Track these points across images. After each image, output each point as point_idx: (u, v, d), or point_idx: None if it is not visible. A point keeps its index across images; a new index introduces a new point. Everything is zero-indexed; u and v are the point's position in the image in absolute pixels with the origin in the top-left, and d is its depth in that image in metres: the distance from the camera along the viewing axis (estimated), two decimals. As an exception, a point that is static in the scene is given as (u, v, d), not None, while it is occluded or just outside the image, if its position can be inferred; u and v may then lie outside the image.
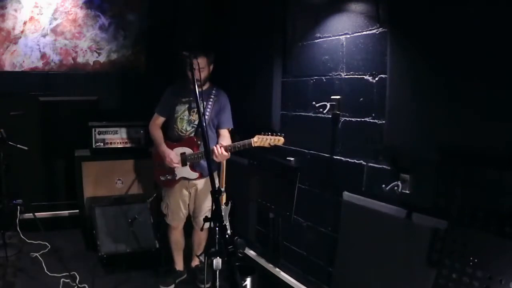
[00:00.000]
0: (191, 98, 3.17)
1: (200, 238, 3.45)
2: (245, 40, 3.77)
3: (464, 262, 1.90)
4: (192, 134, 3.19)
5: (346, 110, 2.69)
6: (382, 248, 2.39)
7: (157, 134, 3.28)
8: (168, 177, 3.22)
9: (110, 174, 4.07)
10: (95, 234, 3.62)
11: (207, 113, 3.17)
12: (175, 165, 3.13)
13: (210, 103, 3.18)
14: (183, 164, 3.16)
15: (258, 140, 2.83)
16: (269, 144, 2.83)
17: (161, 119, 3.32)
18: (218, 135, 3.25)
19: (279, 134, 2.84)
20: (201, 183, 3.28)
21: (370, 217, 2.48)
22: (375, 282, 2.43)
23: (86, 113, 4.26)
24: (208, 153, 2.10)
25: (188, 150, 3.15)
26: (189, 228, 3.52)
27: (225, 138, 3.20)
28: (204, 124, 3.03)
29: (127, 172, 4.11)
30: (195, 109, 3.13)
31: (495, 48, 1.76)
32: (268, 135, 2.83)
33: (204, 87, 3.13)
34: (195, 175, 3.19)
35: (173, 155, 3.14)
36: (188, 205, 3.36)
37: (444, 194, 2.10)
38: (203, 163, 3.14)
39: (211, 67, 3.18)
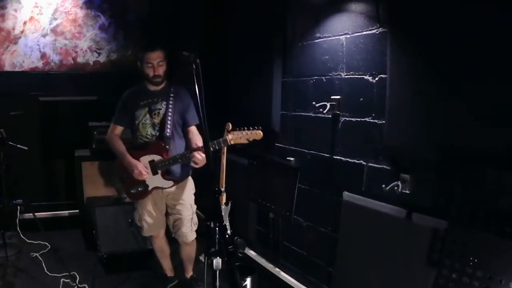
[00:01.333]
0: (150, 100, 2.91)
1: (189, 254, 3.17)
2: (245, 40, 3.77)
3: (464, 262, 1.90)
4: (157, 138, 2.92)
5: (346, 110, 2.69)
6: (382, 248, 2.39)
7: (118, 145, 2.94)
8: (140, 189, 2.89)
9: (110, 174, 4.07)
10: (95, 234, 3.62)
11: (170, 112, 2.89)
12: (145, 176, 2.82)
13: (171, 101, 2.91)
14: (154, 173, 2.85)
15: (233, 137, 2.62)
16: (247, 140, 2.63)
17: (119, 129, 3.01)
18: (186, 133, 2.99)
19: (256, 127, 2.64)
20: (177, 192, 3.00)
21: (370, 217, 2.48)
22: (375, 282, 2.43)
23: (86, 113, 4.26)
24: (209, 154, 1.98)
25: (156, 157, 2.84)
26: (173, 242, 3.26)
27: (195, 136, 2.93)
28: (169, 126, 2.83)
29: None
30: (156, 111, 2.90)
31: (495, 48, 1.76)
32: (243, 129, 2.63)
33: (162, 85, 2.94)
34: (169, 183, 2.90)
35: (141, 166, 2.82)
36: (167, 215, 3.08)
37: (444, 194, 2.10)
38: (176, 168, 2.91)
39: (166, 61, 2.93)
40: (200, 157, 2.66)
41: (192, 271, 3.28)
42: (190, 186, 3.06)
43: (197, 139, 2.89)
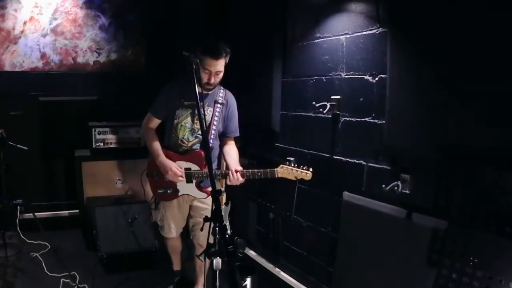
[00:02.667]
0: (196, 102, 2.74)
1: (201, 264, 2.97)
2: (245, 40, 3.77)
3: (464, 262, 1.90)
4: (196, 146, 2.75)
5: (346, 110, 2.69)
6: (382, 248, 2.39)
7: (153, 142, 2.78)
8: (169, 192, 2.79)
9: (110, 174, 4.07)
10: (95, 234, 3.62)
11: (215, 121, 2.72)
12: (180, 179, 2.69)
13: (218, 108, 2.73)
14: (188, 181, 2.72)
15: (282, 171, 2.55)
16: (295, 177, 2.55)
17: (156, 122, 2.83)
18: (223, 143, 2.84)
19: (306, 168, 2.54)
20: (206, 199, 2.86)
21: (370, 217, 2.48)
22: (375, 282, 2.43)
23: (86, 113, 4.26)
24: (209, 153, 2.02)
25: (194, 167, 2.70)
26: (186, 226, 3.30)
27: (232, 150, 2.79)
28: (213, 136, 2.66)
29: (127, 172, 4.11)
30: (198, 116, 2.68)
31: (495, 48, 1.76)
32: (294, 166, 2.55)
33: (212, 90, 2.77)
34: (203, 195, 2.75)
35: (176, 166, 2.69)
36: (188, 218, 3.00)
37: (444, 194, 2.10)
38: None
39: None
40: (232, 177, 2.57)
41: (203, 286, 3.10)
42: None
43: (233, 153, 2.75)
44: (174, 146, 2.78)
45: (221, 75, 2.66)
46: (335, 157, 2.80)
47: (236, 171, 2.56)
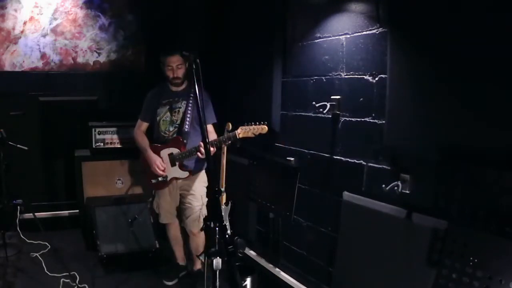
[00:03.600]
0: (171, 99, 3.22)
1: (197, 245, 3.35)
2: (245, 40, 3.77)
3: (464, 262, 1.90)
4: (175, 134, 3.22)
5: (346, 110, 2.69)
6: (382, 248, 2.39)
7: (142, 140, 3.30)
8: (160, 179, 3.20)
9: (110, 174, 4.07)
10: (95, 234, 3.62)
11: (188, 113, 3.18)
12: (160, 172, 3.14)
13: (190, 101, 3.19)
14: (172, 164, 3.18)
15: (241, 131, 2.86)
16: (253, 133, 2.86)
17: (144, 125, 3.35)
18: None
19: (262, 122, 2.87)
20: (191, 182, 3.28)
21: (370, 217, 2.48)
22: (375, 282, 2.43)
23: (86, 113, 4.26)
24: (208, 153, 2.07)
25: (175, 150, 3.17)
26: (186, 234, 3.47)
27: (210, 133, 3.18)
28: (188, 123, 3.13)
29: (127, 172, 4.11)
30: (176, 109, 3.21)
31: (495, 48, 1.76)
32: (251, 125, 2.87)
33: (183, 86, 3.23)
34: (185, 174, 3.21)
35: (159, 160, 3.16)
36: (180, 206, 3.36)
37: (444, 194, 2.10)
38: (191, 161, 3.19)
39: (187, 64, 3.11)
40: (202, 149, 2.93)
41: (200, 264, 3.40)
42: (202, 178, 3.30)
43: (210, 136, 3.08)
44: (160, 138, 3.28)
45: (183, 68, 3.15)
46: (335, 157, 2.80)
47: (200, 145, 2.94)
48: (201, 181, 3.30)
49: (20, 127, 3.96)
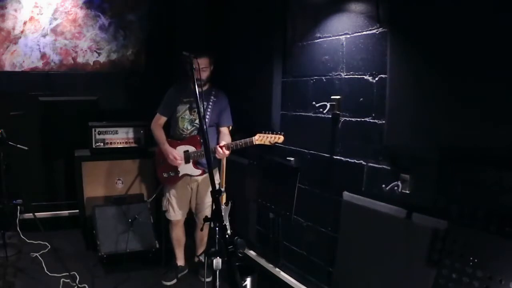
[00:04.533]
0: (192, 99, 3.23)
1: (202, 235, 3.49)
2: (245, 40, 3.77)
3: (464, 262, 1.90)
4: (194, 133, 3.30)
5: (346, 110, 2.69)
6: (382, 248, 2.39)
7: (159, 133, 3.36)
8: (172, 174, 3.31)
9: (110, 174, 4.07)
10: (95, 234, 3.62)
11: (208, 114, 3.26)
12: (179, 162, 3.23)
13: (210, 103, 3.27)
14: (186, 161, 3.26)
15: (259, 138, 2.96)
16: (270, 142, 2.97)
17: (163, 119, 3.39)
18: (218, 132, 3.35)
19: (279, 132, 2.98)
20: (202, 179, 3.36)
21: (370, 217, 2.48)
22: (375, 282, 2.43)
23: (86, 113, 4.26)
24: (208, 152, 2.11)
25: (191, 148, 3.25)
26: (189, 227, 3.55)
27: (225, 135, 3.31)
28: (205, 124, 3.13)
29: (127, 172, 4.11)
30: (196, 109, 3.19)
31: (495, 48, 1.76)
32: (268, 133, 2.96)
33: (204, 88, 3.21)
34: (198, 171, 3.28)
35: (176, 152, 3.24)
36: (190, 201, 3.45)
37: (444, 194, 2.09)
38: (205, 160, 3.16)
39: (212, 67, 3.24)
40: (221, 152, 3.06)
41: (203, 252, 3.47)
42: (215, 177, 3.26)
43: (223, 138, 3.28)
44: (177, 135, 3.37)
45: (207, 71, 3.19)
46: (335, 157, 2.80)
47: (220, 146, 3.06)
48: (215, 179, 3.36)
49: (20, 127, 3.96)
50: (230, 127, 3.42)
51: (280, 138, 2.96)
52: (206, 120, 3.24)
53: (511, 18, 1.69)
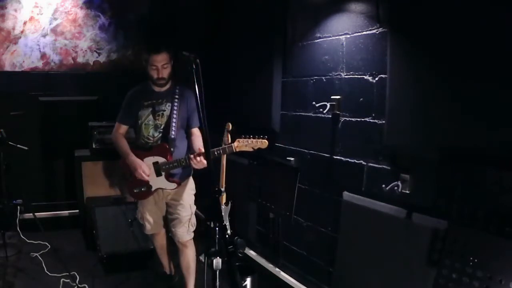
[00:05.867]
0: (154, 101, 2.88)
1: (188, 259, 3.05)
2: (245, 40, 3.77)
3: (464, 262, 1.90)
4: (160, 141, 2.88)
5: (346, 110, 2.69)
6: (382, 248, 2.39)
7: (122, 143, 2.93)
8: (143, 189, 2.88)
9: (110, 174, 4.07)
10: (95, 234, 3.62)
11: (174, 114, 2.86)
12: (146, 178, 2.81)
13: (175, 103, 2.87)
14: (158, 174, 2.83)
15: (239, 144, 2.60)
16: (252, 148, 2.61)
17: (123, 128, 2.99)
18: (189, 135, 2.97)
19: (262, 136, 2.61)
20: (177, 191, 2.96)
21: (370, 217, 2.48)
22: (375, 282, 2.43)
23: (86, 113, 4.26)
24: (209, 155, 1.94)
25: (160, 159, 2.82)
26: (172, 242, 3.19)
27: (198, 138, 2.89)
28: (174, 128, 2.80)
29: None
30: (160, 112, 2.87)
31: (495, 48, 1.76)
32: (249, 138, 2.61)
33: (166, 87, 2.89)
34: (172, 185, 2.88)
35: (144, 166, 2.81)
36: (165, 214, 3.07)
37: (444, 194, 2.10)
38: (178, 170, 2.87)
39: (172, 63, 2.86)
40: (201, 163, 2.63)
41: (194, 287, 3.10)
42: (190, 186, 3.02)
43: (199, 142, 2.82)
44: (142, 144, 2.94)
45: (168, 68, 2.83)
46: (335, 157, 2.80)
47: (195, 156, 2.64)
48: (189, 189, 3.00)
49: (20, 127, 3.96)
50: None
51: (263, 143, 2.59)
52: (173, 124, 2.84)
53: (511, 18, 1.69)
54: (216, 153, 2.64)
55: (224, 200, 3.04)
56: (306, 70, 3.03)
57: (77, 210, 4.19)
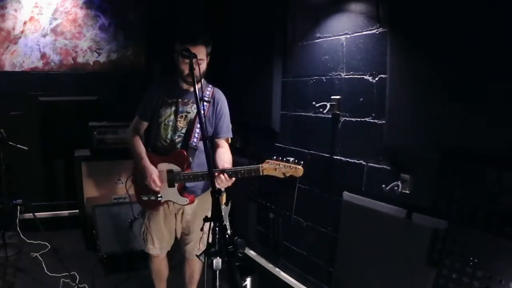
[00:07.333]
0: (179, 99, 2.51)
1: (193, 270, 2.77)
2: (245, 40, 3.77)
3: (464, 262, 1.90)
4: (179, 146, 2.50)
5: (346, 110, 2.69)
6: (382, 248, 2.39)
7: (137, 144, 2.56)
8: (152, 198, 2.52)
9: (110, 174, 4.07)
10: (95, 234, 3.62)
11: (198, 121, 2.45)
12: (157, 188, 2.44)
13: (204, 106, 2.50)
14: (170, 185, 2.46)
15: (268, 167, 2.24)
16: (283, 174, 2.24)
17: (143, 125, 2.61)
18: (214, 146, 2.58)
19: (296, 161, 2.22)
20: (191, 206, 2.58)
21: (370, 217, 2.48)
22: (375, 282, 2.43)
23: (86, 113, 4.26)
24: (209, 156, 1.88)
25: (176, 168, 2.45)
26: (175, 255, 3.03)
27: (224, 152, 2.52)
28: (197, 135, 2.41)
29: (127, 172, 4.10)
30: (183, 114, 2.49)
31: (495, 48, 1.76)
32: (281, 161, 2.23)
33: (197, 86, 2.25)
34: (184, 200, 2.49)
35: (156, 174, 2.44)
36: (176, 229, 2.67)
37: (444, 194, 2.10)
38: (195, 185, 2.52)
39: (208, 59, 2.49)
40: (224, 182, 2.29)
41: None
42: (206, 204, 2.53)
43: (226, 157, 2.47)
44: (158, 147, 2.57)
45: (204, 64, 2.40)
46: (335, 157, 2.79)
47: (219, 173, 2.27)
48: (205, 208, 2.56)
49: (20, 127, 3.96)
50: (230, 140, 2.66)
51: (298, 171, 2.20)
52: (196, 130, 2.47)
53: (511, 18, 1.69)
54: (239, 174, 2.29)
55: (224, 200, 3.03)
56: (306, 70, 3.03)
57: (77, 210, 4.19)
